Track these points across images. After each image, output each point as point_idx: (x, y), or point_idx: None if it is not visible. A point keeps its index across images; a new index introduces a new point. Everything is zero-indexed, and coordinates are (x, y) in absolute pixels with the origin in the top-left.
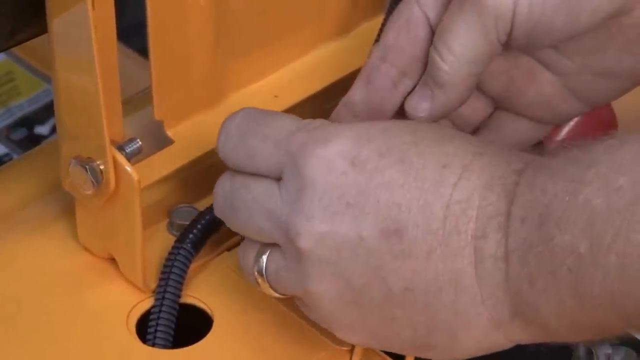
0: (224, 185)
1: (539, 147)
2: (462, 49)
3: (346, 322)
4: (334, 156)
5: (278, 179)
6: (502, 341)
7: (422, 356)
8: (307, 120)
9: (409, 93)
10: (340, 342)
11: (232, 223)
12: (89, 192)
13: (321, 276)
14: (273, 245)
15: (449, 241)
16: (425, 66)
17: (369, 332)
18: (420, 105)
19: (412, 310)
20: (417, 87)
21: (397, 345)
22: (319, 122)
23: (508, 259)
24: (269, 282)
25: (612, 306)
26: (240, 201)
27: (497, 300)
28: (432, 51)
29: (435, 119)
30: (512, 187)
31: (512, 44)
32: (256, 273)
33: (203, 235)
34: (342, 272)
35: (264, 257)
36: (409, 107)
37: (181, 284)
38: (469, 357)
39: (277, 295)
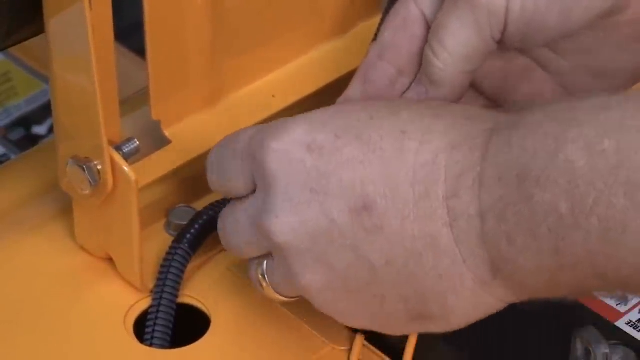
0: (221, 220)
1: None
2: (455, 45)
3: (342, 308)
4: (290, 146)
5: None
6: (492, 301)
7: (425, 331)
8: (268, 123)
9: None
10: (338, 342)
11: (234, 251)
12: (87, 192)
13: (304, 268)
14: (268, 254)
15: (420, 206)
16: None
17: (367, 315)
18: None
19: (398, 283)
20: (413, 84)
21: (397, 324)
22: (278, 120)
23: (483, 217)
24: (273, 289)
25: (592, 267)
26: (230, 227)
27: (477, 258)
28: (427, 48)
29: None
30: (482, 145)
31: (507, 42)
32: (260, 283)
33: (200, 235)
34: (322, 259)
35: (263, 267)
36: None
37: (179, 283)
38: (468, 324)
39: (285, 299)
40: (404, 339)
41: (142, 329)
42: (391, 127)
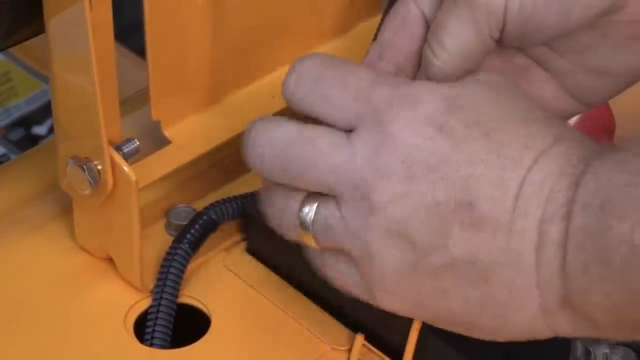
0: (278, 135)
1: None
2: (454, 45)
3: (396, 286)
4: (422, 120)
5: (346, 131)
6: (544, 330)
7: (462, 333)
8: (385, 73)
9: None
10: (338, 342)
11: (278, 175)
12: (87, 192)
13: (388, 234)
14: (321, 195)
15: (517, 220)
16: None
17: (416, 302)
18: None
19: (469, 284)
20: None
21: (441, 319)
22: (399, 77)
23: (567, 245)
24: (313, 232)
25: None
26: (299, 154)
27: (551, 286)
28: (426, 47)
29: None
30: (580, 175)
31: (506, 41)
32: (298, 222)
33: (201, 235)
34: (409, 233)
35: (313, 207)
36: None
37: (179, 284)
38: (506, 341)
39: (316, 246)
40: (404, 338)
41: (142, 329)
42: (518, 138)
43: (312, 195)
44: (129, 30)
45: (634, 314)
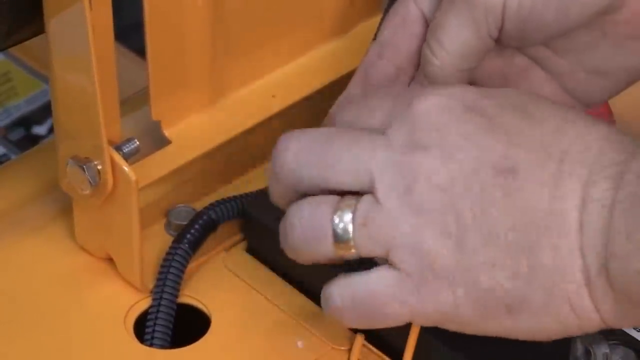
0: (312, 133)
1: None
2: (453, 44)
3: (444, 266)
4: (454, 99)
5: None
6: (586, 313)
7: (512, 324)
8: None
9: None
10: (338, 342)
11: (312, 171)
12: (87, 192)
13: (432, 206)
14: (356, 195)
15: (561, 183)
16: None
17: (465, 284)
18: None
19: (514, 252)
20: (412, 83)
21: (492, 305)
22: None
23: (613, 208)
24: (353, 234)
25: None
26: (338, 142)
27: (593, 248)
28: (425, 47)
29: None
30: (631, 149)
31: (505, 40)
32: (332, 230)
33: (201, 235)
34: (453, 204)
35: (349, 207)
36: None
37: (179, 283)
38: (550, 337)
39: (354, 253)
40: (404, 338)
41: (142, 328)
42: (555, 111)
43: (345, 198)
44: (129, 30)
45: None
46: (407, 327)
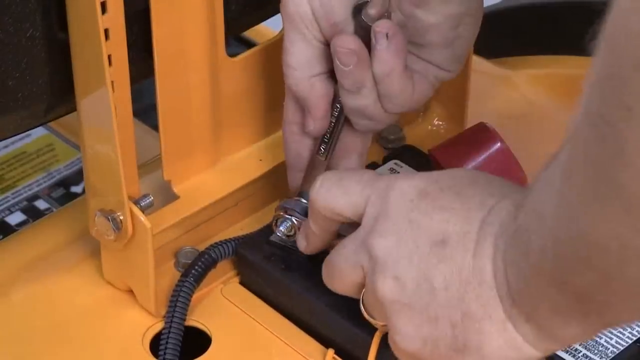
0: (327, 260)
1: None
2: (294, 59)
3: (403, 323)
4: (408, 188)
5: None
6: (522, 345)
7: None
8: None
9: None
10: (313, 356)
11: (337, 279)
12: (111, 237)
13: (384, 280)
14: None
15: (480, 245)
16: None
17: (422, 337)
18: (308, 128)
19: (451, 307)
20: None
21: (444, 349)
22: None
23: (505, 251)
24: (367, 313)
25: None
26: (336, 258)
27: (503, 288)
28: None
29: (322, 129)
30: (514, 217)
31: (330, 38)
32: (363, 311)
33: (203, 270)
34: (400, 275)
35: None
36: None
37: (186, 310)
38: None
39: (379, 324)
40: (366, 352)
41: (156, 346)
42: (482, 190)
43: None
44: (147, 109)
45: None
46: (368, 341)
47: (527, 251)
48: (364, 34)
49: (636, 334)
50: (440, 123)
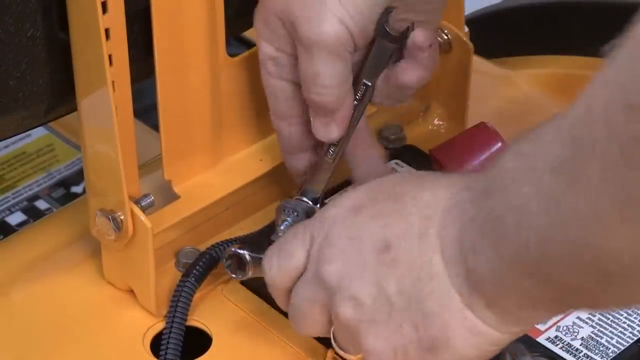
0: (291, 304)
1: None
2: (332, 79)
3: (372, 341)
4: (341, 210)
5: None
6: (487, 330)
7: None
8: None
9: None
10: (314, 355)
11: (305, 321)
12: (112, 237)
13: (342, 302)
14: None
15: (424, 240)
16: None
17: (392, 349)
18: (331, 135)
19: (409, 310)
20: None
21: (414, 353)
22: (335, 197)
23: (461, 238)
24: (337, 346)
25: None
26: (299, 296)
27: (459, 276)
28: (309, 94)
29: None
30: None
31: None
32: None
33: (204, 270)
34: (356, 294)
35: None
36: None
37: (187, 310)
38: (481, 357)
39: (354, 358)
40: None
41: (157, 346)
42: (412, 187)
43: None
44: (147, 109)
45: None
46: None
47: (498, 242)
48: (389, 39)
49: (637, 333)
50: (441, 123)
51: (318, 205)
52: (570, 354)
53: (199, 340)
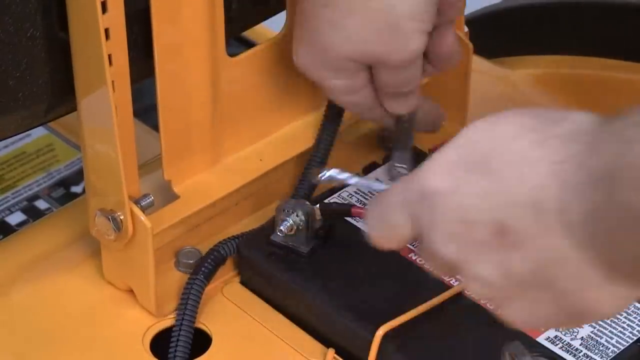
0: None
1: None
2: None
3: (512, 311)
4: (439, 180)
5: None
6: (627, 293)
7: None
8: None
9: None
10: (313, 356)
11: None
12: (112, 237)
13: (467, 279)
14: None
15: (539, 220)
16: None
17: (535, 317)
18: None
19: (544, 287)
20: None
21: (559, 321)
22: None
23: (591, 223)
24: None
25: None
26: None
27: (593, 251)
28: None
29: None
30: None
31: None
32: None
33: (213, 267)
34: (479, 274)
35: None
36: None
37: (197, 307)
38: (620, 309)
39: None
40: (366, 352)
41: (156, 346)
42: (513, 158)
43: None
44: (147, 109)
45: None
46: (369, 341)
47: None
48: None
49: (637, 333)
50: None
51: (318, 205)
52: (570, 354)
53: (199, 340)
